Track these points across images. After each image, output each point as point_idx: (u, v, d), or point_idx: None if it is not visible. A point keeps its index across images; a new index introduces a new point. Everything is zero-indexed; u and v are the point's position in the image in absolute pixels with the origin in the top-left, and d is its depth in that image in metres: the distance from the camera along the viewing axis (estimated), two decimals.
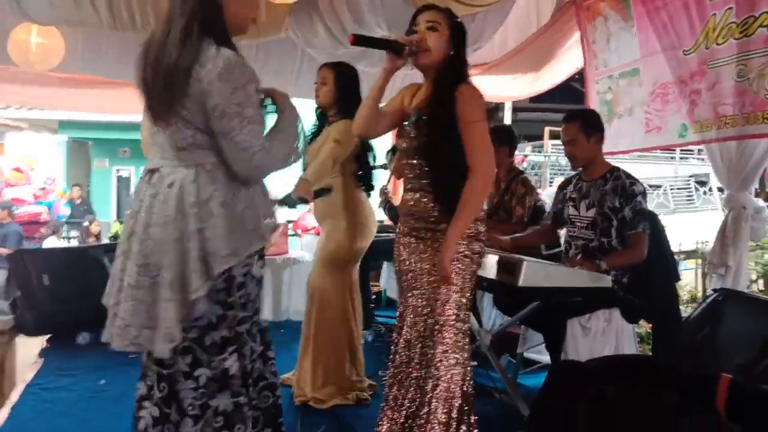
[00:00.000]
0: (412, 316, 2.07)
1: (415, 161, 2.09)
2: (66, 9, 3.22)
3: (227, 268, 1.66)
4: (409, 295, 2.10)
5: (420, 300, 2.06)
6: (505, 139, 3.49)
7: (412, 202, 2.10)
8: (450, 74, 2.02)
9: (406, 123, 2.18)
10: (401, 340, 2.11)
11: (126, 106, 4.92)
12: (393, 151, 4.23)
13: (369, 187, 3.02)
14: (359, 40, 2.09)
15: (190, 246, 1.62)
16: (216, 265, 1.63)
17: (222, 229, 1.64)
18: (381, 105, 2.23)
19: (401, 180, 2.43)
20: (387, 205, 4.32)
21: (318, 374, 2.86)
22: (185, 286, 1.62)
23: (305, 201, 2.67)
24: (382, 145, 3.88)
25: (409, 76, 2.80)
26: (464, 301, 2.01)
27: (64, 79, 4.74)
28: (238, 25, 1.76)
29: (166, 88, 1.64)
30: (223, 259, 1.64)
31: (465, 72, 2.08)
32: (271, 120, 1.87)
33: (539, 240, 3.17)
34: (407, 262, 2.11)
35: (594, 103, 3.87)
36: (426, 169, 2.05)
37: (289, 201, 2.62)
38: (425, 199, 2.06)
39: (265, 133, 1.75)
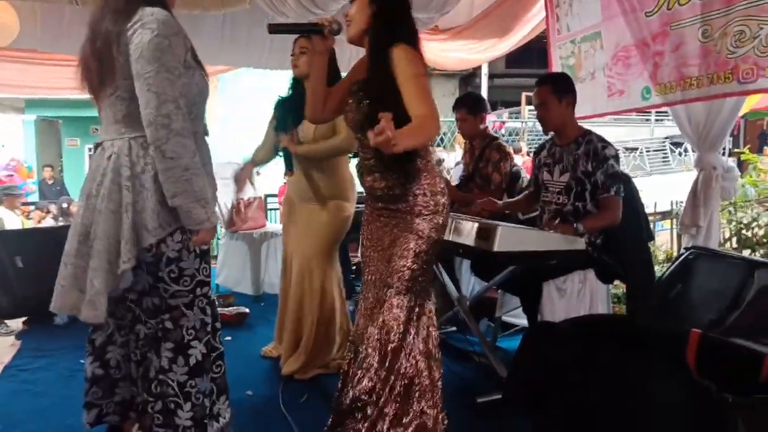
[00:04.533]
0: (371, 289, 2.08)
1: (359, 136, 2.05)
2: None
3: (156, 243, 1.69)
4: (367, 270, 2.11)
5: (374, 275, 2.06)
6: (475, 107, 3.47)
7: (369, 184, 2.06)
8: (380, 36, 1.91)
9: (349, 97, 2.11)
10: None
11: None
12: None
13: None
14: (275, 29, 2.03)
15: (124, 217, 1.66)
16: (145, 238, 1.67)
17: (152, 202, 1.67)
18: None
19: None
20: None
21: (304, 352, 2.87)
22: (116, 257, 1.66)
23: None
24: None
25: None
26: (416, 269, 1.96)
27: (26, 59, 4.58)
28: None
29: (100, 59, 1.67)
30: (151, 232, 1.67)
31: (401, 31, 1.91)
32: None
33: (527, 205, 3.12)
34: (370, 240, 2.11)
35: (557, 68, 3.83)
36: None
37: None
38: (378, 182, 2.02)
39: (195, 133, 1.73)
